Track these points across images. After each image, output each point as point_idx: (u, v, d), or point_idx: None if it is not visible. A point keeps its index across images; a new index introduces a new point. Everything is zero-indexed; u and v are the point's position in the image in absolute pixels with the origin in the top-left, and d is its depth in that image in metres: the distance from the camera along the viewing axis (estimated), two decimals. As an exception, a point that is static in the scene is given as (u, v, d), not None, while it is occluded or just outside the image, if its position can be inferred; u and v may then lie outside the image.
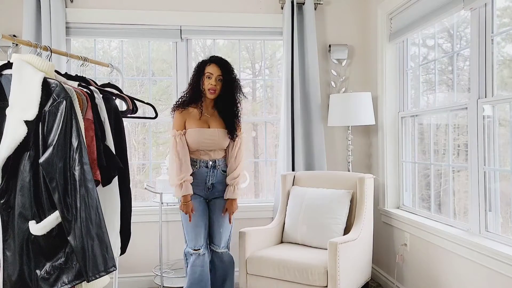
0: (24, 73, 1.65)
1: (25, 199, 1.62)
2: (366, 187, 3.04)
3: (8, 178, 1.63)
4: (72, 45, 3.64)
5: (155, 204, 3.51)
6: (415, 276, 2.99)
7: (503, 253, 2.11)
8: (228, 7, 3.64)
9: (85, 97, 1.88)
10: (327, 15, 3.78)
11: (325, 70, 3.76)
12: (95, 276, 1.59)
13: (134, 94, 4.03)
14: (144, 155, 4.12)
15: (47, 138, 1.60)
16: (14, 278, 1.64)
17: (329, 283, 2.59)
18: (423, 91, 3.22)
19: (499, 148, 2.37)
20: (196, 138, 2.66)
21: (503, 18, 2.39)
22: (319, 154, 3.56)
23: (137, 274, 3.55)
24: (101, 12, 3.49)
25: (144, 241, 3.55)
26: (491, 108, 2.37)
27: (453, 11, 2.59)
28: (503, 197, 2.37)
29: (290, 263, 2.73)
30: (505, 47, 2.40)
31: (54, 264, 1.64)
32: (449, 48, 2.92)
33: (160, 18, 3.55)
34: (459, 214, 2.85)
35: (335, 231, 2.95)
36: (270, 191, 3.91)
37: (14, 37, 1.85)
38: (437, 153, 3.02)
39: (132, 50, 4.01)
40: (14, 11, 3.39)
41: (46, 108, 1.61)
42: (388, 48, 3.43)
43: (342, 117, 3.40)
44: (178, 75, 3.66)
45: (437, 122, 3.03)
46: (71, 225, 1.57)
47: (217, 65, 2.65)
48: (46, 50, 1.98)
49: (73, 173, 1.59)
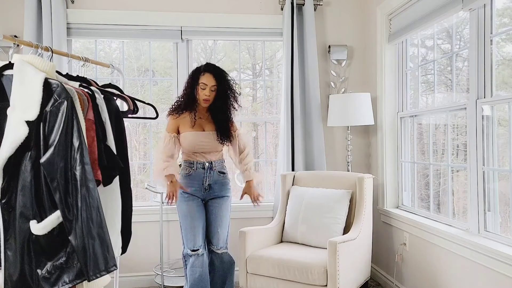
0: (25, 74, 1.66)
1: (26, 199, 1.63)
2: (366, 187, 3.05)
3: (10, 178, 1.64)
4: (73, 45, 3.65)
5: (156, 204, 3.53)
6: (414, 276, 3.00)
7: (502, 253, 2.12)
8: (228, 8, 3.65)
9: (86, 98, 1.89)
10: (327, 16, 3.79)
11: (324, 70, 3.77)
12: (96, 276, 1.59)
13: (135, 94, 4.04)
14: (145, 155, 4.13)
15: (48, 138, 1.61)
16: (15, 277, 1.65)
17: (328, 282, 2.60)
18: (422, 91, 3.23)
19: (498, 148, 2.38)
20: (192, 141, 2.74)
21: (503, 18, 2.40)
22: (319, 154, 3.57)
23: (137, 273, 3.57)
24: (102, 12, 3.50)
25: (145, 240, 3.56)
26: (490, 108, 2.38)
27: (452, 11, 2.60)
28: (502, 197, 2.38)
29: (290, 262, 2.74)
30: (505, 47, 2.41)
31: (55, 264, 1.65)
32: (448, 48, 2.93)
33: (160, 19, 3.56)
34: (458, 214, 2.86)
35: (335, 230, 2.96)
36: (270, 191, 3.92)
37: (15, 38, 1.86)
38: (436, 153, 3.03)
39: (133, 51, 4.01)
40: (15, 11, 3.40)
41: (47, 109, 1.62)
42: (387, 48, 3.44)
43: (342, 117, 3.41)
44: (179, 75, 3.68)
45: (436, 122, 3.03)
46: (72, 224, 1.58)
47: (211, 74, 2.69)
48: (47, 51, 1.99)
49: (74, 173, 1.60)
